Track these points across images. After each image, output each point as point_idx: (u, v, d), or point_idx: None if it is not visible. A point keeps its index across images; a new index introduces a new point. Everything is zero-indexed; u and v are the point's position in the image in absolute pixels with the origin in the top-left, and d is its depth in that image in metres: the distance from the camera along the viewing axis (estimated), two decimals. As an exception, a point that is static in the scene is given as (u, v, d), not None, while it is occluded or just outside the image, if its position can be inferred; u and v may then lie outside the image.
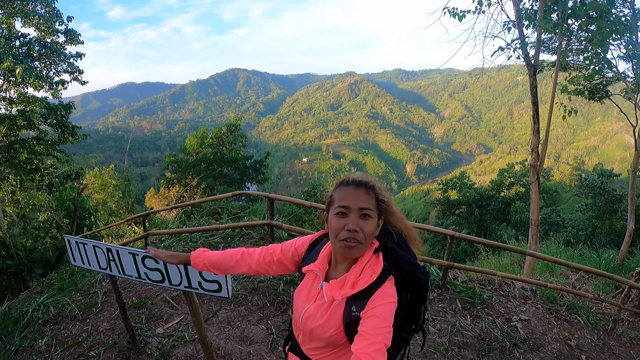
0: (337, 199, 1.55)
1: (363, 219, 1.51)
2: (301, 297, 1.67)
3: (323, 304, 1.59)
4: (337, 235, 1.52)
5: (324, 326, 1.57)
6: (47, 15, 12.73)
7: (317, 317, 1.59)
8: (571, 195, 33.62)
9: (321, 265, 1.63)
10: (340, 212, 1.52)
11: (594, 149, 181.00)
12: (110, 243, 4.21)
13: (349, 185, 1.57)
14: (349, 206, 1.51)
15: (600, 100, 12.14)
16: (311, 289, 1.65)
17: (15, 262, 9.68)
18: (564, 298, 5.15)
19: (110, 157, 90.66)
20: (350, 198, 1.52)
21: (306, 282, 1.69)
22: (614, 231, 19.09)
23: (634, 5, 7.76)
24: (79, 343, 3.66)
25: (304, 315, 1.62)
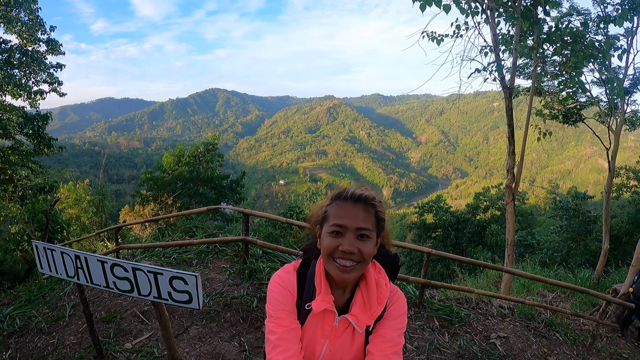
0: (333, 216, 1.38)
1: (360, 240, 1.36)
2: (312, 340, 1.47)
3: (346, 337, 1.47)
4: (330, 254, 1.37)
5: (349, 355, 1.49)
6: (30, 23, 12.62)
7: (344, 354, 1.48)
8: (546, 217, 34.27)
9: (329, 298, 1.43)
10: (336, 231, 1.36)
11: (568, 172, 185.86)
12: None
13: (346, 200, 1.39)
14: (346, 225, 1.36)
15: (574, 124, 12.48)
16: (323, 327, 1.47)
17: (-17, 273, 9.35)
18: (542, 315, 5.17)
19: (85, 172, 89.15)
20: (348, 215, 1.36)
21: (313, 321, 1.46)
22: (589, 252, 19.47)
23: (607, 32, 8.04)
24: (44, 357, 3.51)
25: (325, 356, 1.47)
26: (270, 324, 1.40)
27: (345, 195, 1.40)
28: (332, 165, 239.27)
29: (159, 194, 23.05)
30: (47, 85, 13.75)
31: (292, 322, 1.40)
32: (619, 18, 6.56)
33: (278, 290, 1.45)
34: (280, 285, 1.46)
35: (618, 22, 6.63)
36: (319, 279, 1.44)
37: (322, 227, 1.42)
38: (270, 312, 1.42)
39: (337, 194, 1.43)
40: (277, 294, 1.44)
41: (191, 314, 4.19)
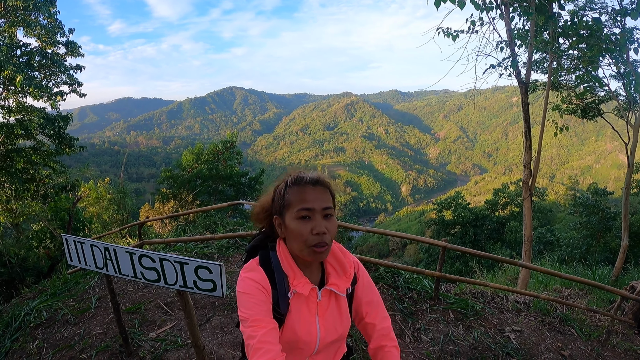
0: (297, 201, 1.41)
1: (327, 220, 1.42)
2: (304, 323, 1.49)
3: (332, 307, 1.55)
4: (305, 240, 1.39)
5: (342, 324, 1.56)
6: (49, 26, 12.79)
7: (336, 323, 1.55)
8: (565, 214, 33.77)
9: (305, 279, 1.48)
10: (304, 215, 1.39)
11: (588, 168, 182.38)
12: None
13: (305, 184, 1.43)
14: (313, 207, 1.40)
15: (593, 119, 12.29)
16: (309, 306, 1.51)
17: (8, 270, 9.62)
18: (557, 310, 5.17)
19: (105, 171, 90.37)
20: (312, 199, 1.40)
21: (297, 306, 1.49)
22: (608, 249, 19.13)
23: (624, 24, 7.94)
24: (70, 346, 3.65)
25: (321, 333, 1.51)
26: (248, 329, 1.35)
27: (304, 179, 1.44)
28: (350, 162, 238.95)
29: (178, 191, 23.33)
30: (67, 87, 13.91)
31: (270, 322, 1.37)
32: (635, 11, 6.50)
33: (251, 289, 1.41)
34: (253, 284, 1.42)
35: (633, 16, 6.57)
36: (287, 265, 1.47)
37: (284, 214, 1.44)
38: (245, 316, 1.37)
39: (296, 179, 1.45)
40: (251, 294, 1.40)
41: (213, 305, 4.34)
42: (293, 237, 1.42)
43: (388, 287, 4.92)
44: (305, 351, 1.52)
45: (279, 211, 1.46)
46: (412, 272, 5.22)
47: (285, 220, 1.43)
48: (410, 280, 5.12)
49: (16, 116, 13.30)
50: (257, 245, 1.56)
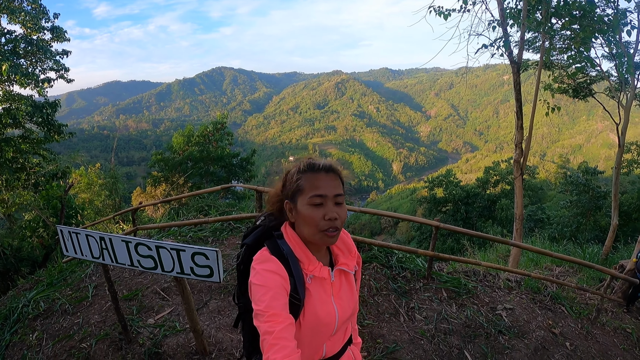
0: (310, 187, 1.45)
1: (338, 206, 1.47)
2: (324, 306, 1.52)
3: (344, 286, 1.61)
4: (317, 226, 1.44)
5: (354, 300, 1.65)
6: (33, 12, 12.55)
7: (349, 300, 1.62)
8: (556, 192, 34.06)
9: (319, 264, 1.53)
10: (317, 202, 1.44)
11: (579, 147, 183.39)
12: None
13: (319, 171, 1.48)
14: (326, 194, 1.45)
15: (585, 99, 12.34)
16: (325, 288, 1.55)
17: (2, 262, 9.59)
18: (548, 289, 5.26)
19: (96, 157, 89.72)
20: (325, 185, 1.46)
21: (314, 289, 1.51)
22: (598, 227, 19.42)
23: (617, 5, 7.93)
24: (70, 336, 3.67)
25: (339, 312, 1.56)
26: (264, 324, 1.33)
27: (317, 166, 1.48)
28: (341, 141, 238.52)
29: (170, 174, 23.25)
30: (54, 73, 13.72)
31: (287, 318, 1.36)
32: (628, -8, 6.51)
33: (268, 282, 1.39)
34: (271, 275, 1.41)
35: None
36: (300, 251, 1.50)
37: (296, 200, 1.48)
38: (262, 310, 1.35)
39: (308, 166, 1.49)
40: (269, 287, 1.38)
41: (210, 289, 4.38)
42: (305, 222, 1.46)
43: (382, 267, 4.98)
44: (326, 333, 1.57)
45: (290, 196, 1.49)
46: (405, 251, 5.28)
47: (298, 206, 1.47)
48: (403, 260, 5.18)
49: (3, 105, 13.12)
50: (260, 236, 1.57)
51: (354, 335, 1.91)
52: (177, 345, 3.45)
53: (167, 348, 3.42)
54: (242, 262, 1.58)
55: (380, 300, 4.38)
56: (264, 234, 1.58)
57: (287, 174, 1.54)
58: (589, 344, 4.30)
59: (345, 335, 1.72)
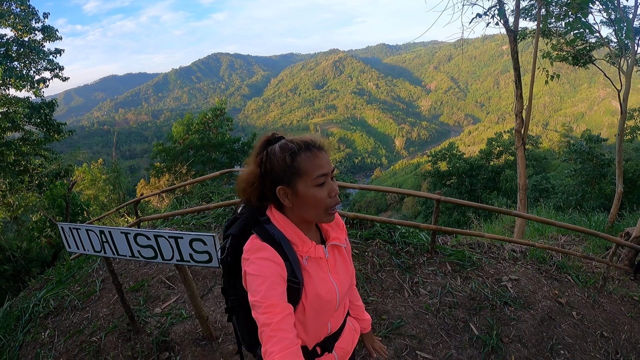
0: (311, 168, 1.39)
1: (333, 181, 1.46)
2: (323, 283, 1.51)
3: (339, 260, 1.61)
4: (325, 205, 1.42)
5: (349, 273, 1.65)
6: (23, 13, 12.50)
7: (346, 273, 1.63)
8: (560, 161, 33.98)
9: (312, 243, 1.51)
10: (322, 182, 1.41)
11: (582, 115, 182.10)
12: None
13: (315, 149, 1.43)
14: (327, 172, 1.42)
15: (585, 66, 12.17)
16: (321, 266, 1.53)
17: (12, 265, 9.69)
18: (554, 258, 5.24)
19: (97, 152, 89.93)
20: (324, 163, 1.42)
21: (312, 270, 1.49)
22: (603, 195, 19.38)
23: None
24: (80, 331, 3.71)
25: (338, 287, 1.56)
26: (262, 315, 1.29)
27: (314, 145, 1.43)
28: (342, 119, 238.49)
29: (172, 164, 23.31)
30: (48, 73, 13.71)
31: (285, 308, 1.32)
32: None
33: (264, 271, 1.35)
34: (266, 263, 1.37)
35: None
36: (293, 233, 1.46)
37: (295, 183, 1.41)
38: (259, 301, 1.31)
39: (302, 145, 1.41)
40: (265, 276, 1.34)
41: (214, 275, 4.40)
42: (310, 204, 1.42)
43: (385, 243, 4.97)
44: (329, 310, 1.56)
45: (287, 180, 1.41)
46: (407, 226, 5.27)
47: (300, 189, 1.40)
48: (406, 235, 5.16)
49: (0, 109, 13.13)
50: (246, 224, 1.50)
51: (361, 312, 1.94)
52: (184, 332, 3.48)
53: (174, 336, 3.46)
54: (228, 254, 1.52)
55: (384, 277, 4.39)
56: (248, 221, 1.50)
57: (268, 157, 1.43)
58: (595, 312, 4.29)
59: (345, 309, 1.73)
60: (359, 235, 5.07)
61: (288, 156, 1.39)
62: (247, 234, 1.47)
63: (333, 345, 1.66)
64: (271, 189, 1.44)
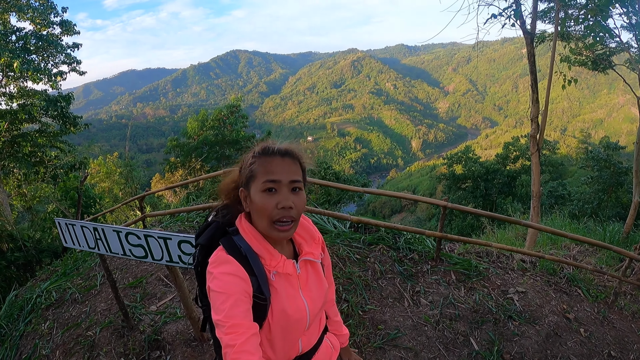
0: (262, 172, 1.33)
1: (294, 193, 1.35)
2: (291, 301, 1.43)
3: (312, 276, 1.52)
4: (269, 215, 1.32)
5: (323, 290, 1.54)
6: (41, 7, 12.74)
7: (319, 291, 1.53)
8: (577, 168, 33.46)
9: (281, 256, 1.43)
10: (269, 187, 1.32)
11: (600, 122, 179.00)
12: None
13: (273, 155, 1.35)
14: (280, 180, 1.32)
15: (604, 71, 11.93)
16: (291, 282, 1.45)
17: (24, 254, 9.78)
18: (564, 270, 5.09)
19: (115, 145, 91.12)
20: (279, 170, 1.33)
21: (280, 285, 1.41)
22: (620, 204, 19.03)
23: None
24: (78, 324, 3.73)
25: (309, 305, 1.47)
26: (226, 336, 1.23)
27: (271, 150, 1.35)
28: (359, 119, 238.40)
29: (186, 159, 23.50)
30: (66, 66, 13.95)
31: (249, 327, 1.26)
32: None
33: (228, 287, 1.28)
34: (230, 278, 1.29)
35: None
36: (260, 245, 1.38)
37: (249, 187, 1.36)
38: (222, 320, 1.24)
39: (262, 150, 1.36)
40: (228, 294, 1.27)
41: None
42: (257, 211, 1.34)
43: (388, 249, 4.87)
44: (299, 329, 1.48)
45: (245, 183, 1.37)
46: (412, 232, 5.17)
47: (251, 193, 1.35)
48: (412, 241, 5.06)
49: (18, 101, 13.38)
50: (214, 234, 1.43)
51: (339, 327, 1.84)
52: (176, 332, 3.46)
53: (166, 335, 3.45)
54: (198, 264, 1.45)
55: (384, 284, 4.29)
56: (217, 231, 1.44)
57: (243, 159, 1.41)
58: (604, 330, 4.13)
59: (320, 326, 1.64)
60: (362, 240, 4.99)
61: (250, 158, 1.37)
62: (216, 244, 1.39)
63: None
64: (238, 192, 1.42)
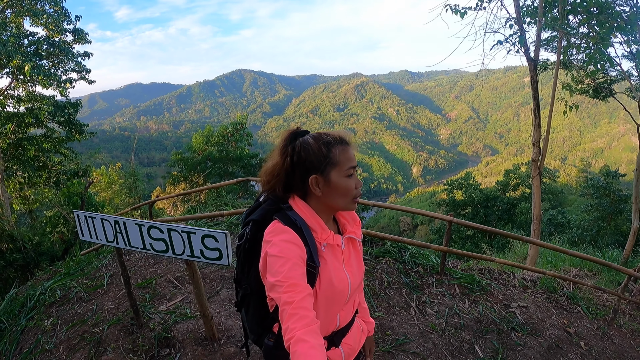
0: (344, 159, 1.49)
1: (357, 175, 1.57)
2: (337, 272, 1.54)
3: (353, 253, 1.65)
4: (352, 194, 1.52)
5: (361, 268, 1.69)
6: (56, 14, 12.90)
7: (359, 267, 1.66)
8: (577, 196, 33.53)
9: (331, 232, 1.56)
10: (351, 173, 1.51)
11: (601, 151, 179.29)
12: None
13: (347, 144, 1.53)
14: (355, 165, 1.53)
15: (605, 100, 12.12)
16: (337, 256, 1.57)
17: (23, 255, 9.76)
18: (564, 288, 5.18)
19: (117, 157, 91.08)
20: (353, 157, 1.53)
21: (328, 257, 1.53)
22: (619, 232, 19.00)
23: (636, 3, 7.77)
24: (83, 321, 3.74)
25: (351, 279, 1.58)
26: (284, 294, 1.31)
27: (346, 140, 1.53)
28: (361, 143, 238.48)
29: (189, 174, 23.53)
30: (75, 74, 14.12)
31: (306, 287, 1.35)
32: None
33: (286, 252, 1.38)
34: (289, 245, 1.41)
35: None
36: (314, 221, 1.52)
37: (328, 173, 1.48)
38: (280, 280, 1.33)
39: (337, 139, 1.51)
40: (287, 258, 1.37)
41: (222, 279, 4.42)
42: (341, 192, 1.50)
43: (394, 262, 4.96)
44: (340, 301, 1.58)
45: (320, 170, 1.48)
46: (418, 246, 5.27)
47: (332, 178, 1.48)
48: (417, 255, 5.16)
49: (26, 105, 13.50)
50: (269, 211, 1.55)
51: (366, 315, 1.95)
52: (187, 330, 3.49)
53: (176, 333, 3.47)
54: (247, 240, 1.57)
55: (391, 294, 4.36)
56: (272, 207, 1.56)
57: (301, 147, 1.50)
58: (604, 344, 4.21)
59: (355, 305, 1.74)
60: (369, 253, 5.08)
61: (324, 147, 1.49)
62: (269, 221, 1.51)
63: (340, 340, 1.67)
64: (301, 178, 1.50)
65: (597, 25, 7.32)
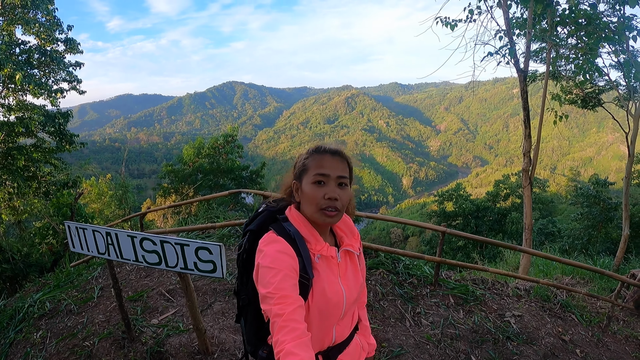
0: (314, 167, 1.48)
1: (340, 188, 1.49)
2: (331, 284, 1.51)
3: (350, 266, 1.62)
4: (317, 203, 1.46)
5: (359, 282, 1.64)
6: (48, 23, 12.83)
7: (355, 281, 1.62)
8: (567, 205, 33.74)
9: (326, 244, 1.54)
10: (319, 180, 1.47)
11: (590, 160, 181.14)
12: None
13: (325, 153, 1.51)
14: (328, 174, 1.47)
15: (594, 109, 12.25)
16: (332, 269, 1.54)
17: (11, 266, 9.63)
18: (558, 297, 5.19)
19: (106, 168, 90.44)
20: (328, 166, 1.48)
21: (322, 269, 1.51)
22: (609, 239, 19.14)
23: (623, 13, 7.90)
24: (74, 334, 3.67)
25: (346, 292, 1.55)
26: (275, 306, 1.29)
27: (323, 149, 1.52)
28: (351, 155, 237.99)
29: (180, 186, 23.38)
30: (66, 84, 14.02)
31: (297, 299, 1.32)
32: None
33: (278, 263, 1.37)
34: (280, 255, 1.39)
35: (631, 3, 6.58)
36: (307, 231, 1.51)
37: (302, 180, 1.52)
38: (271, 292, 1.31)
39: (316, 148, 1.54)
40: (278, 269, 1.35)
41: (215, 292, 4.38)
42: (307, 200, 1.49)
43: (388, 273, 4.95)
44: (335, 315, 1.54)
45: (297, 176, 1.54)
46: (411, 257, 5.26)
47: (302, 185, 1.50)
48: (410, 266, 5.15)
49: (16, 114, 13.36)
50: (265, 221, 1.58)
51: (368, 335, 1.89)
52: (180, 344, 3.44)
53: (169, 347, 3.42)
54: (245, 251, 1.57)
55: (386, 305, 4.34)
56: (268, 218, 1.59)
57: (298, 157, 1.58)
58: (600, 351, 4.22)
59: (353, 321, 1.70)
60: (363, 263, 5.05)
61: (306, 154, 1.55)
62: (265, 231, 1.53)
63: (336, 357, 1.61)
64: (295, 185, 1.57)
65: (585, 36, 7.44)
